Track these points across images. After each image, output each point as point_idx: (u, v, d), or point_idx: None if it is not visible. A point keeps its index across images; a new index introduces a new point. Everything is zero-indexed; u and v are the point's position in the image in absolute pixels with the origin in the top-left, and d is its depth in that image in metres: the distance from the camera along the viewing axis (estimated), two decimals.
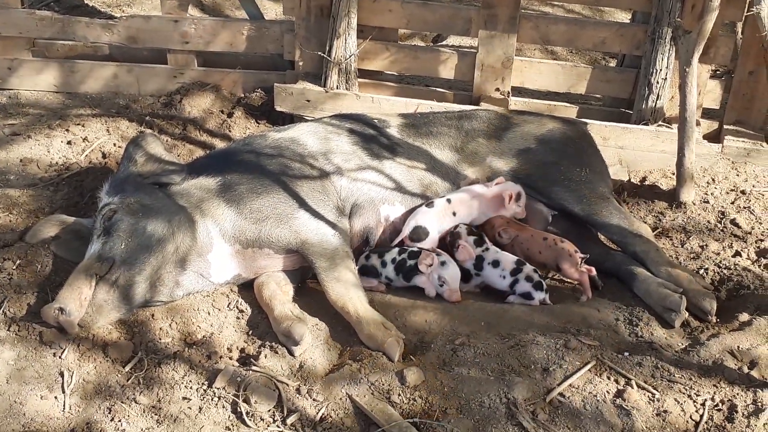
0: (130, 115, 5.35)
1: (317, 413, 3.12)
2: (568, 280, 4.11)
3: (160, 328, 3.53)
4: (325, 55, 5.13)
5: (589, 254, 4.02)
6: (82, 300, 3.33)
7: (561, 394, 3.18)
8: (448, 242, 4.10)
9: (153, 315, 3.59)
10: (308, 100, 5.20)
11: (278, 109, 5.27)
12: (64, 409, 3.11)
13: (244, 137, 4.88)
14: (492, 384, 3.21)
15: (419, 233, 4.06)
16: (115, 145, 4.95)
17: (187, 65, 5.60)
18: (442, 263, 3.91)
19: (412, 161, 4.29)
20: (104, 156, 4.85)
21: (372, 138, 4.33)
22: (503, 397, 3.16)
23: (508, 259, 3.97)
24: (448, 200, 4.17)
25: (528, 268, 3.92)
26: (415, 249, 3.96)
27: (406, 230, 4.08)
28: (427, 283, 3.90)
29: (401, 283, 3.97)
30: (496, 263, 3.97)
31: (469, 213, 4.20)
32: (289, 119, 5.21)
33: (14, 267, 3.69)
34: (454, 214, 4.15)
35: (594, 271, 4.01)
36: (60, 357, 3.30)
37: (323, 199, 3.98)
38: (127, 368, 3.31)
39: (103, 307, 3.42)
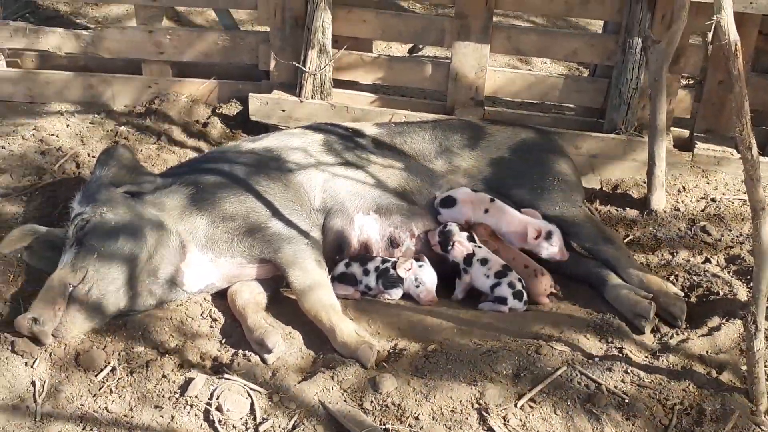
0: (104, 125, 5.35)
1: (290, 421, 3.12)
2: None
3: (133, 337, 3.53)
4: (299, 66, 5.15)
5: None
6: (55, 310, 3.34)
7: (532, 400, 3.21)
8: (440, 241, 4.08)
9: (126, 324, 3.59)
10: (283, 110, 5.21)
11: (253, 119, 5.27)
12: (35, 418, 3.11)
13: (218, 147, 4.89)
14: (464, 390, 3.23)
15: (448, 201, 4.17)
16: (88, 155, 4.93)
17: (162, 76, 5.59)
18: (420, 266, 3.96)
19: (386, 171, 4.30)
20: (78, 166, 4.84)
21: (346, 147, 4.34)
22: (475, 403, 3.18)
23: (497, 260, 4.00)
24: (492, 199, 4.21)
25: (514, 275, 3.94)
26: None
27: (442, 195, 4.22)
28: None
29: (379, 291, 3.99)
30: (484, 261, 3.99)
31: (496, 221, 4.19)
32: (264, 129, 5.21)
33: None
34: (486, 211, 4.18)
35: (557, 291, 4.08)
36: (32, 367, 3.30)
37: (296, 209, 3.99)
38: (99, 377, 3.31)
39: (77, 317, 3.42)
